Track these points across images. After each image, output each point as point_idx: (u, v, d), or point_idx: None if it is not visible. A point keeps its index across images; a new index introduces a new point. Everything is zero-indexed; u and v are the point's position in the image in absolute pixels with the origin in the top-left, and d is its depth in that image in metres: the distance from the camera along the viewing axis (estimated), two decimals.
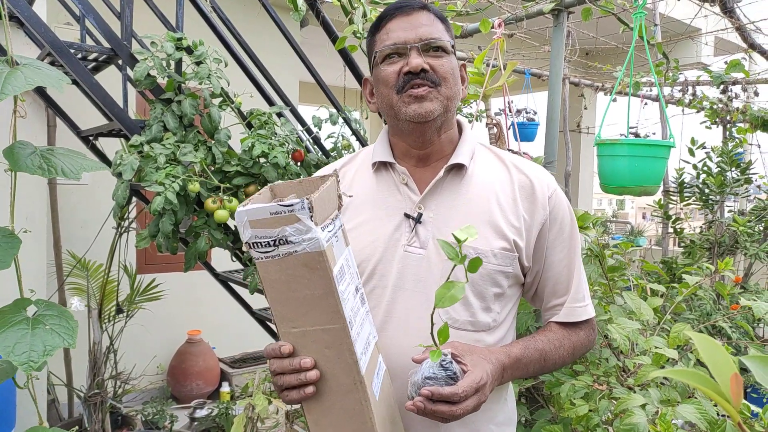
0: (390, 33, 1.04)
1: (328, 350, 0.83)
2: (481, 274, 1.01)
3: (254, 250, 0.79)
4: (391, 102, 1.04)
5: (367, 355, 0.88)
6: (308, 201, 0.75)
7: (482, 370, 0.90)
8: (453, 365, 0.88)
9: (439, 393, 0.85)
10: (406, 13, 1.04)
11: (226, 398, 3.97)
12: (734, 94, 4.29)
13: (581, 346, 1.12)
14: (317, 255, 0.78)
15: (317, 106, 2.63)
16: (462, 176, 1.07)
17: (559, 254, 1.08)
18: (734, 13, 2.78)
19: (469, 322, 1.03)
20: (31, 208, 2.74)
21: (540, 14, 2.09)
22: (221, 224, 2.04)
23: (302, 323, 0.83)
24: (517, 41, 4.12)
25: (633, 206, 20.11)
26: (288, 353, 0.85)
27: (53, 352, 1.15)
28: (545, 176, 1.10)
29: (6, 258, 1.22)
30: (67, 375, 3.37)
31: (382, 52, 1.04)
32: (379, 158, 1.10)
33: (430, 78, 1.01)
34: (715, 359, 0.40)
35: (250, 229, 0.78)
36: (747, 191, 3.77)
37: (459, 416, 0.87)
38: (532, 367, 1.04)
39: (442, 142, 1.09)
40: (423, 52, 1.02)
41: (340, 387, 0.85)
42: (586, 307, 1.11)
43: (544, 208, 1.06)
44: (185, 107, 2.01)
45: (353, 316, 0.85)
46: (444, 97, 1.02)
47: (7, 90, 1.19)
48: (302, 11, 1.83)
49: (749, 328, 1.66)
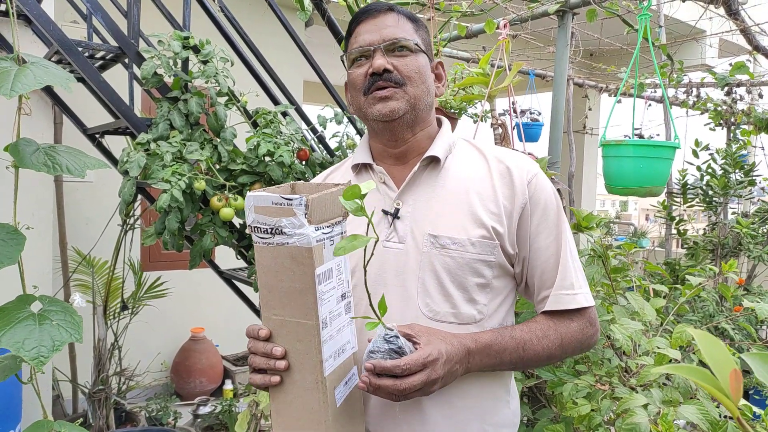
0: (358, 37, 1.06)
1: (299, 344, 0.87)
2: (460, 264, 1.00)
3: (255, 234, 0.86)
4: (359, 104, 1.07)
5: (336, 360, 0.90)
6: (306, 199, 0.81)
7: (434, 347, 0.89)
8: (399, 340, 0.87)
9: (381, 366, 0.85)
10: (373, 16, 1.06)
11: (230, 395, 3.99)
12: (738, 96, 4.29)
13: (572, 338, 1.04)
14: (305, 251, 0.82)
15: (322, 105, 2.64)
16: (438, 170, 1.07)
17: (544, 240, 1.05)
18: (739, 15, 2.78)
19: (452, 314, 1.01)
20: (37, 205, 2.76)
21: (545, 15, 2.10)
22: (226, 222, 2.05)
23: (282, 313, 0.87)
24: (521, 42, 4.12)
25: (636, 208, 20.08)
26: (264, 337, 0.89)
27: (62, 347, 1.16)
28: (526, 163, 1.08)
29: (12, 255, 1.23)
30: (72, 371, 3.39)
31: (350, 55, 1.07)
32: (358, 160, 1.13)
33: (393, 78, 1.02)
34: (715, 356, 0.41)
35: (254, 213, 0.84)
36: (751, 193, 3.77)
37: (405, 392, 0.85)
38: (508, 356, 0.99)
39: (418, 139, 1.09)
40: (388, 52, 1.03)
41: (303, 382, 0.88)
42: (576, 295, 1.04)
43: (523, 193, 1.04)
44: (191, 106, 2.02)
45: (329, 319, 0.88)
46: (410, 96, 1.03)
47: (17, 88, 1.21)
48: (309, 11, 1.84)
49: (752, 330, 1.67)
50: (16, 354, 1.15)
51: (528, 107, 4.87)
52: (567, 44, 2.00)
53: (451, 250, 1.00)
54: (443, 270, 1.01)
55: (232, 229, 2.13)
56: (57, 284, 3.24)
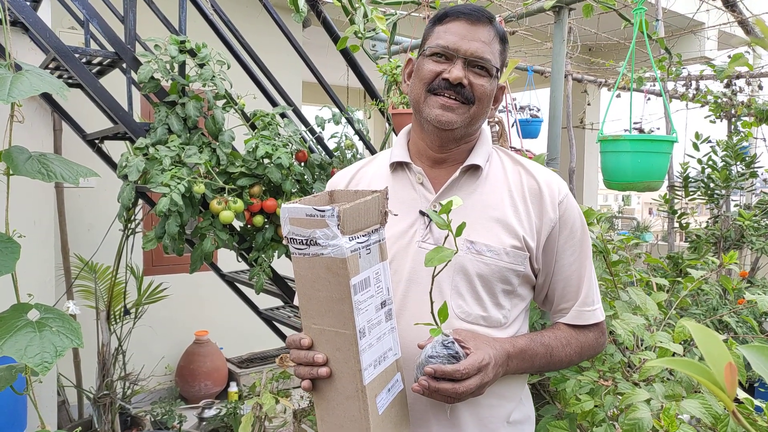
0: (448, 33, 1.04)
1: (338, 353, 0.88)
2: (493, 271, 1.04)
3: (291, 245, 0.87)
4: (419, 97, 1.07)
5: (377, 368, 0.91)
6: (338, 210, 0.82)
7: (484, 352, 0.93)
8: (455, 345, 0.91)
9: (442, 370, 0.88)
10: (472, 22, 1.04)
11: (234, 398, 4.00)
12: (738, 88, 4.27)
13: (589, 347, 1.13)
14: (339, 261, 0.83)
15: (320, 106, 2.64)
16: (477, 177, 1.09)
17: (569, 258, 1.10)
18: (736, 6, 2.77)
19: (482, 317, 1.05)
20: (38, 212, 2.76)
21: (541, 11, 2.09)
22: (227, 225, 2.05)
23: (321, 322, 0.89)
24: (518, 38, 4.11)
25: (639, 202, 20.03)
26: (307, 346, 0.90)
27: (64, 353, 1.17)
28: (556, 181, 1.11)
29: (8, 264, 1.23)
30: (77, 377, 3.40)
31: (432, 48, 1.05)
32: (396, 159, 1.13)
33: (464, 94, 1.03)
34: (711, 349, 0.41)
35: (289, 225, 0.86)
36: (752, 185, 3.76)
37: (462, 395, 0.89)
38: (538, 361, 1.05)
39: (461, 150, 1.11)
40: (468, 65, 1.03)
41: (344, 390, 0.89)
42: (595, 311, 1.13)
43: (554, 212, 1.08)
44: (189, 109, 2.02)
45: (368, 328, 0.89)
46: (471, 115, 1.05)
47: (14, 94, 1.21)
48: (303, 12, 1.84)
49: (754, 323, 1.66)
50: (19, 361, 1.15)
51: (527, 103, 4.87)
52: (564, 40, 2.00)
53: (485, 257, 1.04)
54: (476, 275, 1.04)
55: (232, 232, 2.13)
56: (60, 291, 3.25)
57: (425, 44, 1.08)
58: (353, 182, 1.20)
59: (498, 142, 1.76)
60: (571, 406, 1.43)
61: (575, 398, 1.45)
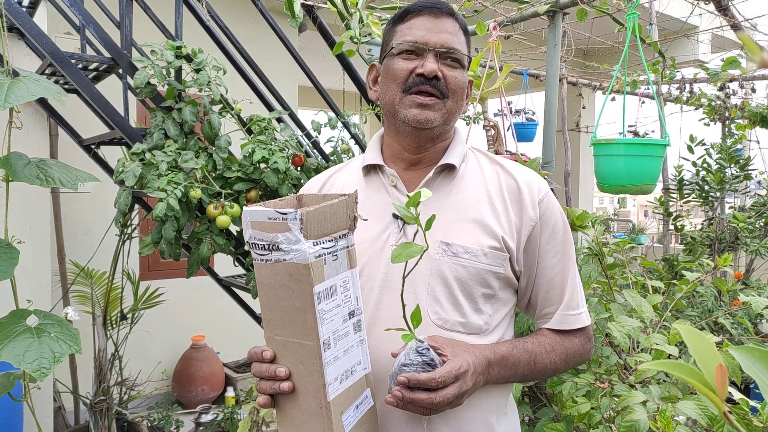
0: (413, 29, 1.02)
1: (302, 366, 0.83)
2: (471, 273, 0.99)
3: (253, 251, 0.82)
4: (393, 99, 1.03)
5: (344, 384, 0.85)
6: (300, 212, 0.77)
7: (462, 359, 0.88)
8: (430, 351, 0.85)
9: (416, 379, 0.83)
10: (434, 15, 1.02)
11: (231, 402, 3.99)
12: (732, 91, 4.30)
13: (575, 353, 1.08)
14: (302, 267, 0.78)
15: (316, 110, 2.65)
16: (453, 177, 1.06)
17: (551, 259, 1.06)
18: (729, 10, 2.79)
19: (461, 324, 1.00)
20: (34, 218, 2.76)
21: (535, 16, 2.11)
22: (223, 230, 2.05)
23: (284, 333, 0.83)
24: (513, 42, 4.14)
25: (635, 204, 20.10)
26: (269, 359, 0.85)
27: (62, 359, 1.17)
28: (535, 180, 1.08)
29: (7, 268, 1.23)
30: (73, 382, 3.38)
31: (400, 45, 1.02)
32: (368, 161, 1.10)
33: (440, 87, 1.00)
34: (701, 351, 0.42)
35: (250, 229, 0.81)
36: (747, 187, 3.78)
37: (438, 405, 0.84)
38: (521, 369, 1.00)
39: (436, 149, 1.08)
40: (440, 59, 1.01)
41: (308, 406, 0.83)
42: (580, 315, 1.08)
43: (534, 210, 1.04)
44: (186, 114, 2.03)
45: (333, 339, 0.83)
46: (447, 110, 1.02)
47: (12, 99, 1.22)
48: (299, 18, 1.85)
49: (748, 325, 1.67)
50: (17, 366, 1.15)
51: (523, 107, 4.89)
52: (558, 44, 2.01)
53: (463, 259, 0.99)
54: (453, 279, 0.99)
55: (229, 237, 2.13)
56: (56, 296, 3.24)
57: (388, 45, 1.05)
58: (325, 188, 1.16)
59: (494, 145, 1.77)
60: (568, 409, 1.44)
61: (572, 400, 1.45)
